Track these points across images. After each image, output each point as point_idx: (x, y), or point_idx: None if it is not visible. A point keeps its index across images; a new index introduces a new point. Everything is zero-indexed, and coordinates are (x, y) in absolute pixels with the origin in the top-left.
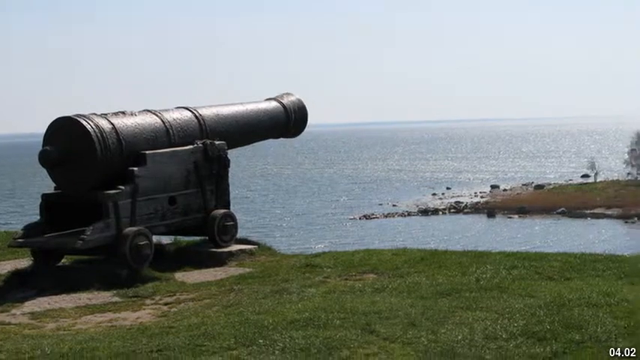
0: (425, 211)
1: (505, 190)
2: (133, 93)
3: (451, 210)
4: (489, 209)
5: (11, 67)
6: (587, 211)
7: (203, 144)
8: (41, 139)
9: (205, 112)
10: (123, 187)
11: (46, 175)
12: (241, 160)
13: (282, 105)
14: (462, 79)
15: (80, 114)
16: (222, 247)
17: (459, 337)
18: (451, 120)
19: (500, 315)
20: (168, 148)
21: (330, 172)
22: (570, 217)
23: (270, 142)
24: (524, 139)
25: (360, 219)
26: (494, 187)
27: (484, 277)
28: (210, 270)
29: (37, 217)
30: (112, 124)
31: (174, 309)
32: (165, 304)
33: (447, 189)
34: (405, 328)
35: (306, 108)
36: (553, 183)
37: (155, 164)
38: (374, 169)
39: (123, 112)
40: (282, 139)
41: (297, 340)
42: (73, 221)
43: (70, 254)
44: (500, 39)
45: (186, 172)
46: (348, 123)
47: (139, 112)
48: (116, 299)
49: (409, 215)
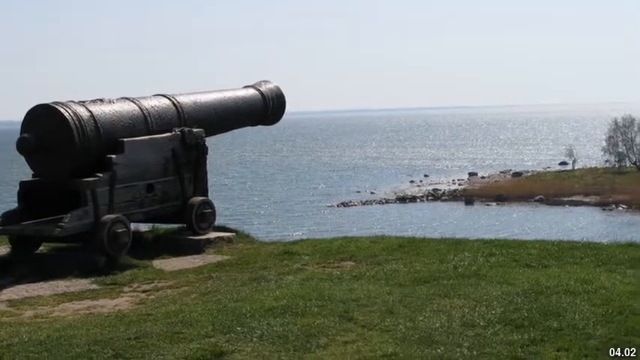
0: (403, 199)
1: (483, 178)
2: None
3: (429, 197)
4: (467, 197)
5: None
6: (565, 199)
7: (181, 131)
8: (19, 126)
9: (183, 99)
10: (101, 175)
11: (24, 163)
12: (219, 148)
13: (260, 92)
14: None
15: (58, 101)
16: (200, 235)
17: (436, 325)
18: (429, 107)
19: (478, 302)
20: (146, 135)
21: (308, 159)
22: (548, 204)
23: (248, 130)
24: (502, 126)
25: (338, 206)
26: (472, 174)
27: (462, 264)
28: (188, 257)
29: (15, 205)
30: (90, 111)
31: (152, 296)
32: (143, 291)
33: (425, 176)
34: (383, 315)
35: (284, 95)
36: (531, 170)
37: (133, 152)
38: (352, 156)
39: (101, 100)
40: (260, 126)
41: (274, 328)
42: (51, 209)
43: (48, 242)
44: (480, 25)
45: (164, 159)
46: (326, 110)
47: (116, 99)
48: (94, 287)
49: (387, 203)
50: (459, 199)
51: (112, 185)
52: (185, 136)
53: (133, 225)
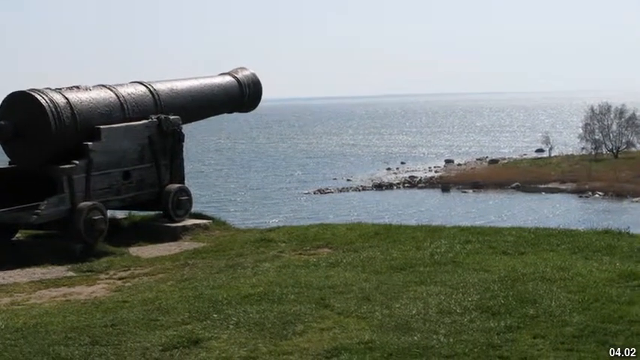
0: (379, 186)
1: (459, 165)
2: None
3: (405, 184)
4: (444, 184)
5: None
6: (542, 186)
7: (158, 119)
8: None
9: (160, 86)
10: (77, 162)
11: (0, 150)
12: (196, 135)
13: (237, 79)
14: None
15: (35, 88)
16: (176, 222)
17: (413, 312)
18: (405, 94)
19: (455, 289)
20: (122, 122)
21: (285, 146)
22: (524, 191)
23: (225, 117)
24: (478, 113)
25: (315, 193)
26: (448, 161)
27: (438, 251)
28: (165, 244)
29: None
30: (67, 98)
31: (128, 283)
32: (120, 278)
33: (402, 163)
34: (360, 302)
35: (261, 82)
36: (507, 158)
37: (109, 139)
38: (328, 143)
39: (77, 87)
40: (236, 113)
41: (251, 315)
42: (27, 196)
43: (25, 229)
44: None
45: (141, 146)
46: (302, 97)
47: (93, 86)
48: (70, 274)
49: (363, 190)
50: (435, 186)
51: (89, 172)
52: (161, 124)
53: (109, 212)
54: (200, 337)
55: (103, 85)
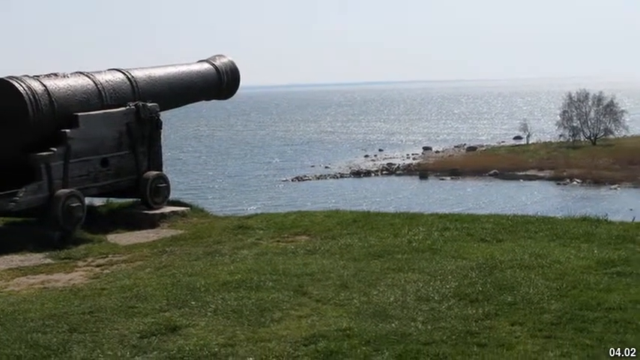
0: (357, 173)
1: (437, 152)
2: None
3: (383, 172)
4: (422, 171)
5: None
6: (520, 173)
7: (135, 106)
8: None
9: (138, 73)
10: (55, 149)
11: None
12: (174, 122)
13: (215, 67)
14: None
15: (12, 76)
16: (154, 209)
17: (391, 299)
18: (383, 82)
19: (433, 277)
20: (100, 110)
21: (263, 133)
22: (502, 178)
23: (203, 104)
24: (456, 100)
25: (293, 181)
26: (426, 148)
27: (416, 238)
28: (143, 232)
29: None
30: (45, 85)
31: (106, 271)
32: (98, 265)
33: (380, 151)
34: (338, 289)
35: (239, 70)
36: (485, 145)
37: (87, 126)
38: (306, 130)
39: (55, 74)
40: (214, 100)
41: (229, 302)
42: (4, 183)
43: (2, 216)
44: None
45: (119, 133)
46: (280, 85)
47: (71, 73)
48: (48, 261)
49: (341, 177)
50: (413, 173)
51: (67, 160)
52: (139, 111)
53: (87, 199)
54: (178, 325)
55: (80, 73)
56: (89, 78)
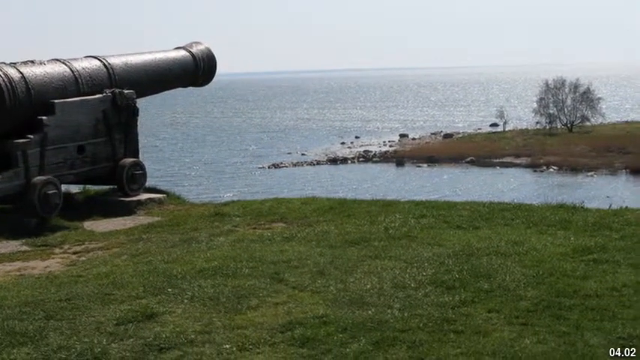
0: (334, 160)
1: (414, 139)
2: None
3: (360, 159)
4: (398, 158)
5: None
6: (496, 160)
7: (112, 93)
8: None
9: (114, 60)
10: (32, 136)
11: None
12: (150, 109)
13: (191, 54)
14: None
15: None
16: (130, 196)
17: (367, 286)
18: (359, 69)
19: (409, 264)
20: (77, 97)
21: (239, 120)
22: (479, 166)
23: (179, 91)
24: (432, 87)
25: (269, 168)
26: (403, 136)
27: (393, 226)
28: (119, 219)
29: None
30: (21, 73)
31: (83, 258)
32: (74, 253)
33: (356, 138)
34: (314, 277)
35: (215, 57)
36: (462, 132)
37: (64, 113)
38: (282, 117)
39: (32, 62)
40: (191, 87)
41: (206, 289)
42: None
43: None
44: None
45: (95, 120)
46: (256, 72)
47: (47, 61)
48: (25, 248)
49: (318, 164)
50: (389, 160)
51: (43, 147)
52: (116, 98)
53: (63, 186)
54: (154, 312)
55: (57, 60)
56: (66, 65)
